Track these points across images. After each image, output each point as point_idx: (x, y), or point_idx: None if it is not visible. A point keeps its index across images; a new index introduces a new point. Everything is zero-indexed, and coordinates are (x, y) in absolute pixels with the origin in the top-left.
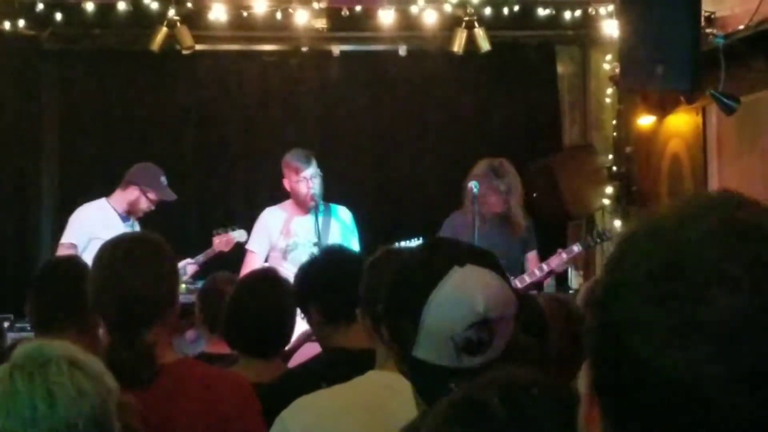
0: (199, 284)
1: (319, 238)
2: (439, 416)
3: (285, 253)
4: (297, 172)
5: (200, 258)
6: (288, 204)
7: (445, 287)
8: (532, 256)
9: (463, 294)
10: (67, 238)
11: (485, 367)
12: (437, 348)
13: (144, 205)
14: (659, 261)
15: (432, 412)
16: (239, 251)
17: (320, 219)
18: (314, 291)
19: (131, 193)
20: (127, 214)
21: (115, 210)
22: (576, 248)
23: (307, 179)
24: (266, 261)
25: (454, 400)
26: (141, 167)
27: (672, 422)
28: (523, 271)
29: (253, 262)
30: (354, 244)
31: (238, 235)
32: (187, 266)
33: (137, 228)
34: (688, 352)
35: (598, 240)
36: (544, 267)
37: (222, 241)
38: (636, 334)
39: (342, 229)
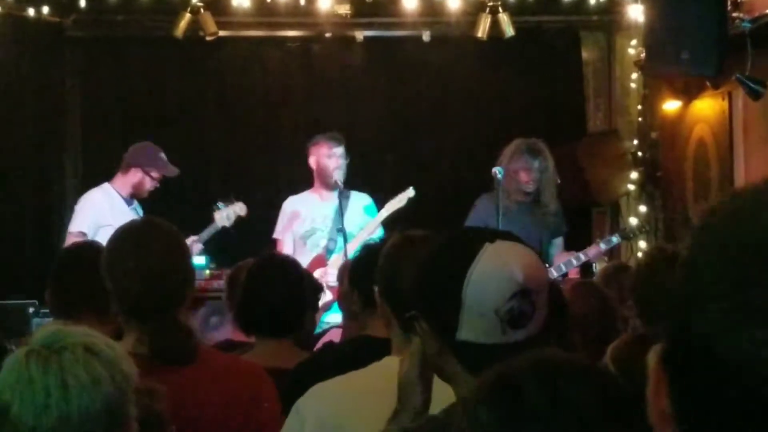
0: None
1: (342, 224)
2: (473, 398)
3: (304, 239)
4: (329, 147)
5: (203, 235)
6: (308, 192)
7: (481, 263)
8: (558, 242)
9: (500, 266)
10: (75, 226)
11: (529, 341)
12: (482, 325)
13: (149, 185)
14: (734, 242)
15: (470, 390)
16: (244, 227)
17: (343, 204)
18: (357, 275)
19: (134, 175)
20: (131, 197)
21: (119, 194)
22: (615, 239)
23: (337, 156)
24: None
25: (488, 382)
26: (139, 148)
27: (728, 402)
28: (548, 258)
29: (282, 250)
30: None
31: (239, 208)
32: (193, 245)
33: (140, 211)
34: (749, 333)
35: (637, 232)
36: (582, 256)
37: (223, 216)
38: (703, 311)
39: (363, 215)
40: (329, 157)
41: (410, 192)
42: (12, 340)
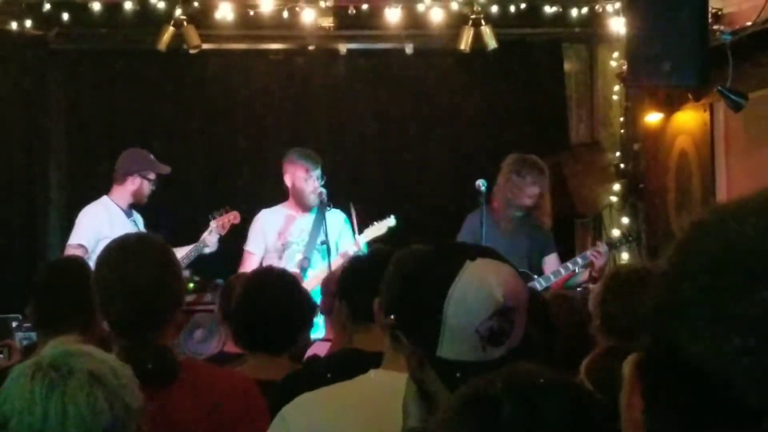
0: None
1: (327, 237)
2: (447, 413)
3: (280, 253)
4: (306, 171)
5: (186, 260)
6: (284, 205)
7: (462, 281)
8: (551, 259)
9: (481, 284)
10: (75, 239)
11: (509, 356)
12: (462, 343)
13: (147, 189)
14: (714, 253)
15: (444, 405)
16: (228, 239)
17: (320, 219)
18: (346, 287)
19: (133, 183)
20: (130, 207)
21: (118, 206)
22: (602, 248)
23: (314, 179)
24: (262, 262)
25: (463, 397)
26: (129, 156)
27: (700, 409)
28: (541, 275)
29: (250, 262)
30: (346, 244)
31: (233, 217)
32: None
33: (140, 222)
34: (722, 342)
35: (624, 241)
36: (570, 266)
37: (218, 225)
38: (683, 321)
39: (338, 229)
40: (306, 181)
41: (391, 221)
42: None
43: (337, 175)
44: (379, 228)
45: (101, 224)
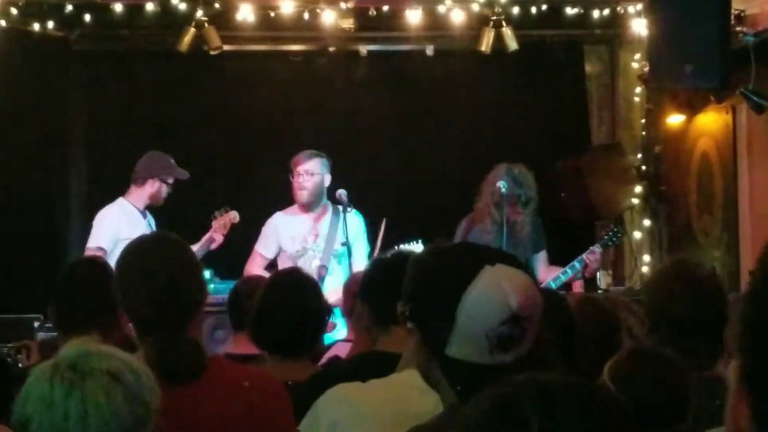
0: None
1: (347, 239)
2: (471, 424)
3: (294, 259)
4: (295, 165)
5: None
6: (296, 208)
7: (479, 284)
8: (541, 256)
9: (496, 290)
10: (94, 242)
11: (516, 364)
12: (471, 345)
13: (164, 193)
14: None
15: (463, 416)
16: (246, 239)
17: (338, 221)
18: (368, 290)
19: (152, 186)
20: (146, 209)
21: (135, 207)
22: (597, 249)
23: (300, 174)
24: (275, 265)
25: (486, 407)
26: (151, 158)
27: None
28: (534, 273)
29: (255, 262)
30: (359, 249)
31: (233, 216)
32: None
33: (153, 224)
34: None
35: (615, 239)
36: (569, 271)
37: (220, 225)
38: None
39: (353, 232)
40: (293, 177)
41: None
42: (12, 347)
43: (355, 177)
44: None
45: (119, 226)
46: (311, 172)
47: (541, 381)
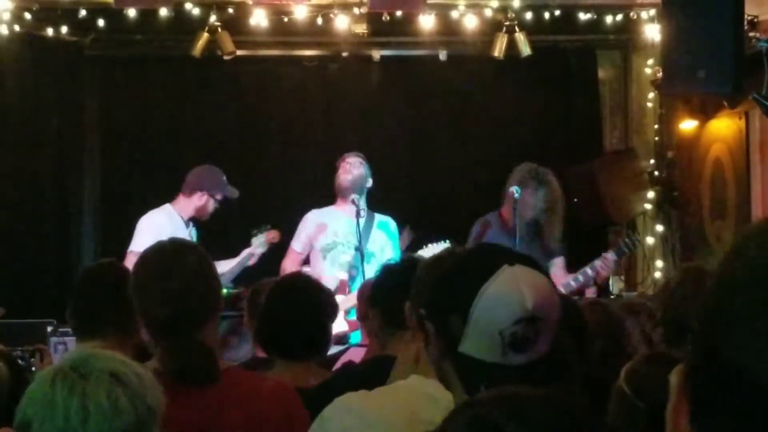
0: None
1: (360, 242)
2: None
3: (324, 252)
4: (342, 159)
5: (230, 274)
6: (332, 207)
7: (496, 282)
8: (558, 261)
9: (513, 290)
10: (136, 246)
11: (528, 367)
12: (484, 343)
13: (211, 208)
14: (765, 266)
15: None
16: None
17: (362, 223)
18: (377, 295)
19: (199, 199)
20: (190, 219)
21: (180, 216)
22: (610, 256)
23: (348, 163)
24: (307, 260)
25: (463, 421)
26: (203, 171)
27: (748, 420)
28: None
29: (290, 259)
30: (388, 253)
31: (273, 236)
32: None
33: (195, 235)
34: None
35: (632, 247)
36: (580, 277)
37: (260, 242)
38: (732, 333)
39: (384, 237)
40: (339, 166)
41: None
42: (26, 350)
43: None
44: (434, 250)
45: (163, 232)
46: (357, 165)
47: (509, 393)
